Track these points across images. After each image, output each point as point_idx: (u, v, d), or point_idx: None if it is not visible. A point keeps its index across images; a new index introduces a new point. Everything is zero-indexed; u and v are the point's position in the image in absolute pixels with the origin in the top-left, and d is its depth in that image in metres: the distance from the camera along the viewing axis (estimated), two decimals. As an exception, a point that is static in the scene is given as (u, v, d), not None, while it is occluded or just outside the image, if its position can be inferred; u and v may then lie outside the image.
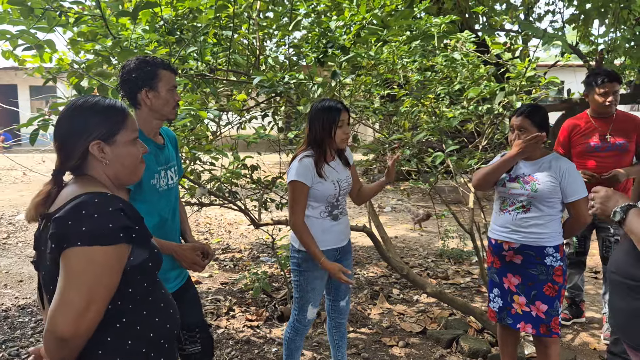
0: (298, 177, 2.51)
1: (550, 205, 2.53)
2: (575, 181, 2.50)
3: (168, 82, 2.15)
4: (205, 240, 6.57)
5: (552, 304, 2.54)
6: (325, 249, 2.59)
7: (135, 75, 2.10)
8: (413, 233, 6.92)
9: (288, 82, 3.28)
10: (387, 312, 4.09)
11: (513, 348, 2.87)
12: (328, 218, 2.62)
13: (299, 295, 2.67)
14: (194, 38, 3.36)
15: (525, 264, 2.57)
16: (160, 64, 2.14)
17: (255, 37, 3.89)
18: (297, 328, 2.73)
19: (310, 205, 2.59)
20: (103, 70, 2.65)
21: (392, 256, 3.60)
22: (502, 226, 2.63)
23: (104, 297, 1.25)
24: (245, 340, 3.59)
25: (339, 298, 2.80)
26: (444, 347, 3.47)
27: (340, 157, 2.69)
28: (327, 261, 2.51)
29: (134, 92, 2.13)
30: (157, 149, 2.24)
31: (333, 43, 3.41)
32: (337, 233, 2.65)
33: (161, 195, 2.23)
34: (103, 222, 1.24)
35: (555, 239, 2.54)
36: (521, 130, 2.55)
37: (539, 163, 2.58)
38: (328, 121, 2.52)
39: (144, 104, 2.14)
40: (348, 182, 2.68)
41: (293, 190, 2.53)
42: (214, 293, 4.53)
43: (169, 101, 2.17)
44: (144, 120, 2.19)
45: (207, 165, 3.80)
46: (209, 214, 8.02)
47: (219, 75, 3.72)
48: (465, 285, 4.73)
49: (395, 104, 4.28)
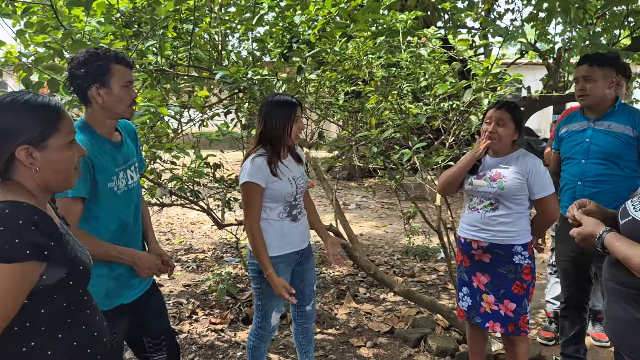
0: (251, 178, 2.39)
1: (518, 203, 2.51)
2: (542, 178, 2.49)
3: (122, 77, 1.96)
4: (167, 240, 6.39)
5: (521, 303, 2.53)
6: (287, 252, 2.50)
7: (84, 70, 1.90)
8: (378, 230, 6.90)
9: (252, 78, 3.18)
10: (354, 311, 4.04)
11: (481, 346, 2.86)
12: (287, 219, 2.51)
13: (262, 302, 2.55)
14: (152, 31, 3.21)
15: (494, 263, 2.55)
16: (112, 57, 1.94)
17: (217, 32, 3.77)
18: (261, 335, 2.62)
19: (267, 207, 2.47)
20: (54, 64, 2.49)
21: (359, 255, 3.55)
22: (470, 225, 2.61)
23: (2, 317, 1.12)
24: (209, 344, 3.48)
25: (305, 303, 2.71)
26: (412, 346, 3.44)
27: (292, 155, 2.58)
28: (274, 274, 2.40)
29: (83, 89, 1.93)
30: (113, 148, 2.07)
31: (298, 38, 3.32)
32: (297, 235, 2.56)
33: (120, 197, 2.08)
34: (8, 237, 1.10)
35: (523, 236, 2.53)
36: (499, 123, 2.52)
37: (506, 159, 2.56)
38: (284, 117, 2.41)
39: (95, 101, 1.95)
40: (304, 180, 2.59)
41: (246, 192, 2.42)
42: (176, 296, 4.38)
43: (124, 98, 1.99)
44: (97, 119, 2.01)
45: (167, 164, 3.65)
46: (171, 214, 7.80)
47: (180, 70, 3.58)
48: (431, 283, 4.73)
49: (361, 100, 4.23)
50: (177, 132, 3.85)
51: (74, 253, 1.26)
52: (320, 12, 3.27)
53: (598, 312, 3.57)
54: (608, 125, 2.69)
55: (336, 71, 4.13)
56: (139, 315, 2.22)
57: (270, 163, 2.43)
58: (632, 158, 2.68)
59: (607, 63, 2.68)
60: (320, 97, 4.29)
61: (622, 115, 2.68)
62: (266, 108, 2.45)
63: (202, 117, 4.08)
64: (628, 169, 2.68)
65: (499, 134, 2.51)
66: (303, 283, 2.67)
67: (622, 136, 2.65)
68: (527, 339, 2.64)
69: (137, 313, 2.21)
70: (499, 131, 2.51)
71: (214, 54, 3.84)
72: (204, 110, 3.94)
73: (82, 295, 1.31)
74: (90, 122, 2.01)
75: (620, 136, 2.65)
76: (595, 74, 2.66)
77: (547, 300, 3.71)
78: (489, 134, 2.52)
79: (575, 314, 2.92)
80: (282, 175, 2.45)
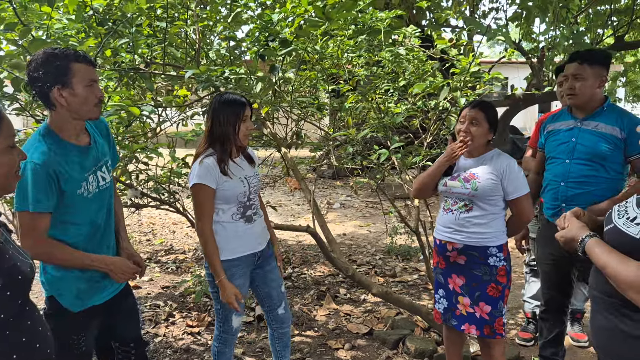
0: (200, 179, 2.32)
1: (493, 204, 2.48)
2: (516, 178, 2.46)
3: (84, 76, 1.87)
4: (148, 241, 6.31)
5: (496, 305, 2.50)
6: (241, 255, 2.44)
7: (43, 72, 1.81)
8: (362, 230, 6.87)
9: (228, 77, 3.12)
10: (333, 313, 4.00)
11: (459, 348, 2.83)
12: (241, 221, 2.45)
13: (220, 306, 2.48)
14: (125, 29, 3.14)
15: (469, 265, 2.52)
16: (72, 56, 1.85)
17: (194, 30, 3.70)
18: (225, 339, 2.56)
19: (220, 209, 2.41)
20: (18, 62, 2.41)
21: (337, 256, 3.50)
22: (445, 226, 2.57)
23: None
24: (185, 348, 3.42)
25: (275, 306, 2.63)
26: (391, 348, 3.41)
27: (243, 154, 2.52)
28: (226, 281, 2.35)
29: (45, 91, 1.83)
30: (80, 153, 1.98)
31: (274, 36, 3.26)
32: (253, 236, 2.48)
33: (91, 200, 2.02)
34: None
35: (498, 238, 2.50)
36: (473, 122, 2.49)
37: (480, 160, 2.53)
38: (232, 116, 2.36)
39: (59, 104, 1.86)
40: (257, 179, 2.53)
41: (196, 195, 2.35)
42: (153, 298, 4.31)
43: (88, 98, 1.89)
44: (62, 122, 1.92)
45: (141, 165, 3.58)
46: (153, 214, 7.71)
47: (156, 69, 3.51)
48: (412, 283, 4.70)
49: (340, 99, 4.19)
50: (155, 131, 3.79)
51: (12, 262, 1.19)
52: (296, 10, 3.22)
53: (577, 312, 3.56)
54: (595, 126, 2.59)
55: (315, 70, 4.08)
56: (110, 318, 2.17)
57: (221, 162, 2.37)
58: (617, 160, 2.58)
59: (598, 61, 2.58)
60: (299, 96, 4.24)
61: (611, 115, 2.59)
62: (214, 107, 2.40)
63: (180, 117, 4.02)
64: (613, 171, 2.59)
65: (472, 133, 2.48)
66: (268, 286, 2.59)
67: (609, 137, 2.55)
68: (502, 341, 2.61)
69: (109, 315, 2.16)
70: (472, 130, 2.48)
71: (191, 52, 3.77)
72: (183, 109, 3.88)
73: (23, 306, 1.24)
74: (54, 127, 1.93)
75: (608, 137, 2.55)
76: (585, 73, 2.57)
77: (524, 300, 3.69)
78: (463, 134, 2.49)
79: (555, 317, 2.88)
80: (233, 175, 2.39)
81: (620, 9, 5.37)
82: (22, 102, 2.72)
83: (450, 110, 3.66)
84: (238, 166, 2.45)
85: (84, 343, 2.03)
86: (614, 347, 1.59)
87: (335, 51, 3.92)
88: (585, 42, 4.88)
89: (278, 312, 2.64)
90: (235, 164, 2.44)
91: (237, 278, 2.42)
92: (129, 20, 3.13)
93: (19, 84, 2.38)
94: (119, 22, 3.22)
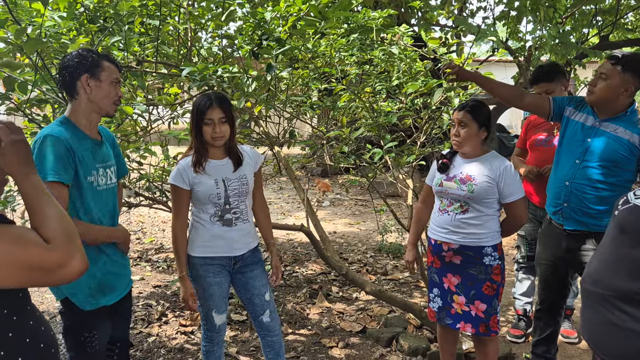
0: (172, 180, 2.42)
1: (488, 205, 2.52)
2: (513, 182, 2.48)
3: (111, 74, 2.06)
4: (138, 240, 6.26)
5: (491, 303, 2.54)
6: (213, 255, 2.45)
7: (77, 61, 1.99)
8: (352, 228, 6.89)
9: (221, 76, 3.11)
10: (326, 311, 4.01)
11: (452, 346, 2.86)
12: (218, 223, 2.44)
13: (200, 303, 2.51)
14: (117, 27, 3.11)
15: (465, 264, 2.55)
16: (104, 55, 2.08)
17: (186, 27, 3.68)
18: (210, 337, 2.57)
19: (200, 209, 2.45)
20: (10, 61, 2.38)
21: (331, 255, 3.52)
22: (440, 227, 2.60)
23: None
24: (179, 348, 3.41)
25: (258, 314, 2.57)
26: (384, 346, 3.43)
27: (231, 155, 2.48)
28: (186, 279, 2.44)
29: (73, 78, 2.00)
30: (94, 145, 2.10)
31: (268, 35, 3.25)
32: (229, 240, 2.45)
33: (100, 194, 2.09)
34: None
35: (493, 238, 2.54)
36: (462, 125, 2.52)
37: (477, 161, 2.56)
38: (195, 120, 2.38)
39: (83, 92, 2.02)
40: (241, 183, 2.46)
41: (171, 194, 2.47)
42: (145, 297, 4.29)
43: (110, 94, 2.06)
44: (81, 112, 2.05)
45: (135, 164, 3.56)
46: (142, 212, 7.66)
47: (148, 67, 3.48)
48: (404, 281, 4.73)
49: (333, 98, 4.19)
50: (146, 130, 3.76)
51: None
52: (291, 9, 3.22)
53: (567, 309, 3.61)
54: (615, 129, 2.49)
55: (308, 68, 4.08)
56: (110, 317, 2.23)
57: (195, 164, 2.40)
58: (630, 167, 2.50)
59: (631, 69, 2.42)
60: (292, 95, 4.24)
61: (632, 122, 2.49)
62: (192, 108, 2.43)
63: (172, 115, 3.99)
64: (623, 177, 2.51)
65: (461, 135, 2.52)
66: (249, 292, 2.55)
67: (626, 143, 2.46)
68: (496, 339, 2.65)
69: (110, 315, 2.21)
70: (461, 133, 2.53)
71: (183, 50, 3.75)
72: (174, 107, 3.86)
73: (23, 308, 1.23)
74: (73, 118, 2.06)
75: (625, 143, 2.46)
76: (612, 74, 2.44)
77: (515, 297, 3.74)
78: (455, 138, 2.55)
79: (549, 317, 2.90)
80: (206, 176, 2.39)
81: (605, 9, 5.44)
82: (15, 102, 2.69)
83: (443, 109, 3.69)
84: (219, 167, 2.44)
85: (96, 342, 2.09)
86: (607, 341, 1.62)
87: (327, 50, 3.92)
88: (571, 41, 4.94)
89: (262, 319, 2.57)
90: (215, 165, 2.43)
91: (212, 276, 2.45)
92: (122, 18, 3.10)
93: (12, 83, 2.34)
94: (110, 20, 3.20)
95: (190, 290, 2.43)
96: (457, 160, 2.61)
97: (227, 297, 2.55)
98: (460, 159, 2.60)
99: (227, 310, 2.56)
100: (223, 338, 2.62)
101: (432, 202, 2.73)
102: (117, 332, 2.28)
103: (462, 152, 2.59)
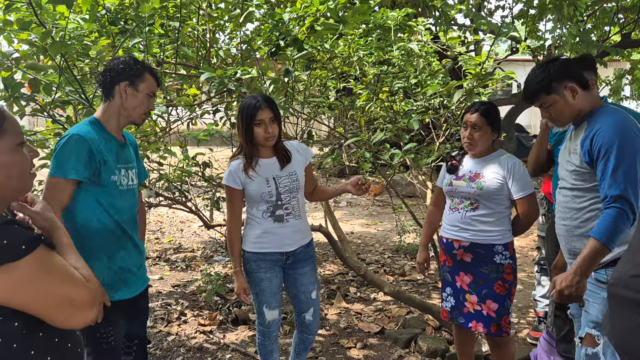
0: (225, 181, 2.51)
1: (498, 202, 2.51)
2: (522, 178, 2.49)
3: (150, 87, 2.14)
4: (157, 239, 6.33)
5: (503, 303, 2.52)
6: (265, 251, 2.50)
7: (122, 67, 2.07)
8: (369, 228, 6.88)
9: (240, 78, 3.12)
10: (344, 312, 4.01)
11: (470, 347, 2.85)
12: (270, 219, 2.49)
13: (253, 297, 2.58)
14: (138, 29, 3.15)
15: (476, 262, 2.55)
16: (149, 68, 2.16)
17: (205, 29, 3.71)
18: (262, 331, 2.63)
19: (253, 207, 2.52)
20: (35, 63, 2.42)
21: (349, 256, 3.52)
22: (452, 224, 2.61)
23: None
24: (198, 347, 3.43)
25: (302, 310, 2.64)
26: (403, 347, 3.42)
27: (277, 154, 2.51)
28: (239, 274, 2.51)
29: (114, 81, 2.08)
30: (118, 146, 2.16)
31: (286, 36, 3.26)
32: (281, 236, 2.50)
33: (122, 194, 2.15)
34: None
35: (504, 236, 2.53)
36: (475, 127, 2.51)
37: (485, 160, 2.57)
38: (246, 119, 2.41)
39: (118, 97, 2.09)
40: (292, 179, 2.50)
41: (226, 194, 2.56)
42: (165, 296, 4.33)
43: (143, 104, 2.14)
44: (112, 114, 2.12)
45: (154, 164, 3.60)
46: (161, 212, 7.74)
47: (167, 68, 3.52)
48: (422, 282, 4.71)
49: (351, 98, 4.19)
50: (165, 130, 3.80)
51: None
52: (308, 10, 3.22)
53: None
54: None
55: (326, 69, 4.08)
56: (128, 315, 2.25)
57: (246, 164, 2.46)
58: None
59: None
60: (310, 96, 4.24)
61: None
62: (239, 111, 2.46)
63: (190, 116, 4.03)
64: None
65: (475, 139, 2.52)
66: (297, 289, 2.61)
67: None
68: (511, 340, 2.64)
69: (129, 312, 2.24)
70: (474, 136, 2.52)
71: (202, 52, 3.78)
72: (193, 108, 3.89)
73: None
74: (102, 119, 2.13)
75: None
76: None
77: (535, 299, 3.70)
78: (467, 140, 2.54)
79: (566, 315, 2.90)
80: (256, 176, 2.45)
81: (627, 6, 5.34)
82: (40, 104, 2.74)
83: (462, 107, 3.66)
84: (269, 166, 2.48)
85: (112, 337, 2.12)
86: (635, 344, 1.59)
87: (345, 50, 3.92)
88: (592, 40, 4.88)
89: (305, 317, 2.64)
90: (265, 164, 2.48)
91: (262, 272, 2.51)
92: (143, 20, 3.14)
93: (37, 85, 2.39)
94: (131, 22, 3.24)
95: (243, 285, 2.50)
96: (466, 160, 2.63)
97: (279, 293, 2.59)
98: (469, 158, 2.62)
99: (279, 306, 2.61)
100: (276, 334, 2.67)
101: (443, 204, 2.74)
102: (134, 329, 2.32)
103: (471, 152, 2.60)
